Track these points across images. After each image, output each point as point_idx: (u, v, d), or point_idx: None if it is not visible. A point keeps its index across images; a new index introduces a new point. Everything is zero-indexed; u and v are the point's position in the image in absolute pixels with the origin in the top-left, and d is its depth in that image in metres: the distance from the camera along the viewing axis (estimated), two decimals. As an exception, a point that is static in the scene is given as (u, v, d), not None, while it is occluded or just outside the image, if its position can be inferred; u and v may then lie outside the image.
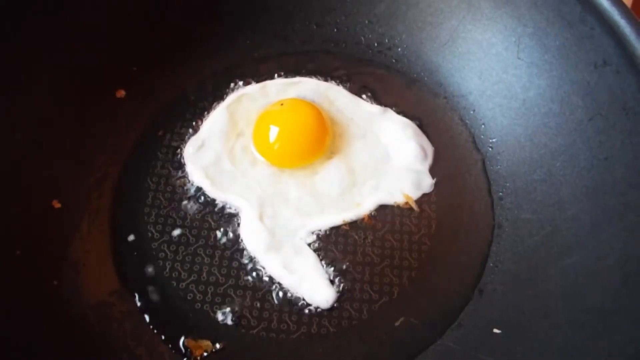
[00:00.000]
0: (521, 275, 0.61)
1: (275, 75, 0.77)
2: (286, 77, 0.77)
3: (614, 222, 0.56)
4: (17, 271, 0.60)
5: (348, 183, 0.68)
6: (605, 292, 0.54)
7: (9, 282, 0.58)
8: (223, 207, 0.68)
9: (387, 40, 0.78)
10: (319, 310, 0.62)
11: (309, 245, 0.65)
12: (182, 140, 0.72)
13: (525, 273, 0.61)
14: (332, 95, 0.74)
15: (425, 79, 0.76)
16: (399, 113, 0.73)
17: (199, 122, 0.73)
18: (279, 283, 0.63)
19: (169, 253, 0.65)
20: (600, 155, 0.59)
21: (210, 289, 0.63)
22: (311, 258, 0.64)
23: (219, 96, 0.75)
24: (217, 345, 0.60)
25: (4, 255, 0.59)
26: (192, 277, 0.63)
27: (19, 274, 0.60)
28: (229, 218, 0.67)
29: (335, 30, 0.79)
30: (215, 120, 0.72)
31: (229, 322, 0.61)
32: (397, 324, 0.61)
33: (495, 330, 0.58)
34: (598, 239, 0.57)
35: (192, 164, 0.70)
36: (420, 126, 0.73)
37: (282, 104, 0.70)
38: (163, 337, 0.60)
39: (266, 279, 0.63)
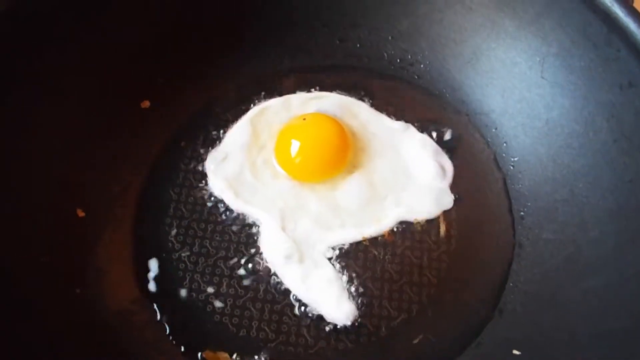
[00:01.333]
0: (542, 296, 0.61)
1: (298, 89, 0.77)
2: (309, 91, 0.77)
3: (637, 244, 0.56)
4: (41, 277, 0.60)
5: (368, 198, 0.69)
6: (627, 315, 0.53)
7: (33, 288, 0.59)
8: (244, 219, 0.68)
9: (409, 57, 0.79)
10: (337, 325, 0.62)
11: (329, 259, 0.65)
12: (205, 152, 0.73)
13: (546, 294, 0.61)
14: (355, 110, 0.75)
15: (448, 95, 0.77)
16: (420, 129, 0.74)
17: (222, 134, 0.74)
18: (298, 297, 0.63)
19: (189, 264, 0.66)
20: (624, 178, 0.59)
21: (229, 301, 0.63)
22: (331, 272, 0.64)
23: (242, 109, 0.76)
24: (235, 358, 0.60)
25: (29, 261, 0.60)
26: (212, 289, 0.64)
27: (43, 280, 0.60)
28: (249, 230, 0.67)
29: (358, 45, 0.80)
30: (237, 133, 0.73)
31: (248, 334, 0.61)
32: (415, 341, 0.61)
33: (515, 352, 0.58)
34: (621, 261, 0.56)
35: (214, 176, 0.70)
36: (442, 143, 0.73)
37: (304, 118, 0.71)
38: (182, 349, 0.61)
39: (285, 292, 0.63)
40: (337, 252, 0.66)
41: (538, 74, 0.68)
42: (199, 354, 0.60)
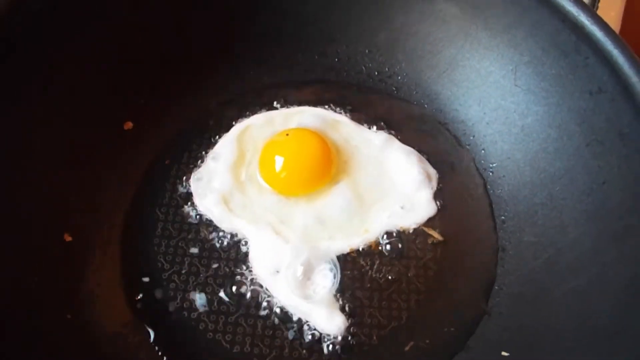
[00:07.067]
0: (526, 298, 0.63)
1: (279, 104, 0.78)
2: (290, 106, 0.78)
3: (615, 245, 0.58)
4: (30, 305, 0.60)
5: (354, 210, 0.70)
6: (610, 313, 0.55)
7: (22, 316, 0.59)
8: (232, 236, 0.69)
9: (387, 69, 0.80)
10: (329, 337, 0.63)
11: (318, 271, 0.66)
12: (190, 170, 0.73)
13: (530, 295, 0.63)
14: (336, 124, 0.76)
15: (426, 106, 0.78)
16: (400, 140, 0.75)
17: (206, 152, 0.74)
18: (289, 311, 0.64)
19: (179, 283, 0.66)
20: (598, 180, 0.61)
21: (221, 318, 0.64)
22: (320, 284, 0.65)
23: (225, 127, 0.76)
24: (230, 374, 0.61)
25: (17, 289, 0.60)
26: (203, 307, 0.64)
27: (32, 308, 0.60)
28: (238, 247, 0.68)
29: (336, 59, 0.81)
30: (222, 150, 0.74)
31: (242, 350, 0.62)
32: (406, 348, 0.62)
33: (504, 353, 0.59)
34: (600, 261, 0.58)
35: (200, 194, 0.71)
36: (422, 152, 0.75)
37: (287, 134, 0.72)
38: (176, 368, 0.61)
39: (277, 307, 0.64)
40: (326, 263, 0.67)
41: (511, 82, 0.71)
42: (194, 373, 0.61)
